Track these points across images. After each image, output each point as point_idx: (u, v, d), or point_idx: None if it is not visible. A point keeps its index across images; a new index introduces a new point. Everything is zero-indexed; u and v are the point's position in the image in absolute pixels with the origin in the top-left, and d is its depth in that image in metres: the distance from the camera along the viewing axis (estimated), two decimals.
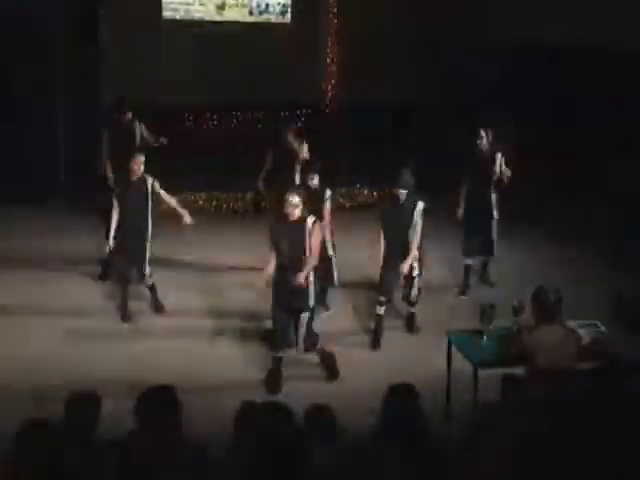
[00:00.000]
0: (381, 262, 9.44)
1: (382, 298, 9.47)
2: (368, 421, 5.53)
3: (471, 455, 4.89)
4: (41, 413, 5.08)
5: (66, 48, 14.62)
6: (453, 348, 7.88)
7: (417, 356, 8.88)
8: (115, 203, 9.89)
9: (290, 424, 5.01)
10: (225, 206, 14.02)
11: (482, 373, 7.38)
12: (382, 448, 4.95)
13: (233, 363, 8.98)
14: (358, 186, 14.57)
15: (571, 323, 7.57)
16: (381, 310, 9.49)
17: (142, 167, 9.82)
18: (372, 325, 9.57)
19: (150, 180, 9.89)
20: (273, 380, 8.49)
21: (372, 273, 9.76)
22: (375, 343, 9.41)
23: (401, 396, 5.37)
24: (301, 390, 8.04)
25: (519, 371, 6.98)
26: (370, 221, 10.08)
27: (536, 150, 14.75)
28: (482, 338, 7.71)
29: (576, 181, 14.36)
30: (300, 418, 5.26)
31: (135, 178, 9.83)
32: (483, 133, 10.85)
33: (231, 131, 16.18)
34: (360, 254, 10.63)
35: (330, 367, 8.75)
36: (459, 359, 7.75)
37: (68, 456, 4.80)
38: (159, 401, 5.05)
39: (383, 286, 9.49)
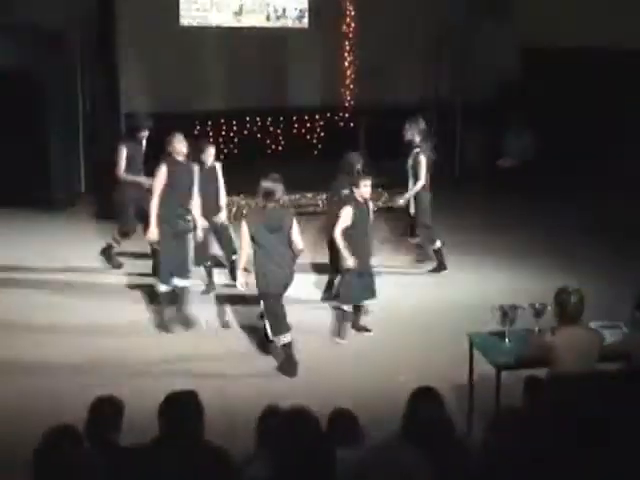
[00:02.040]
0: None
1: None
2: (390, 424, 5.52)
3: (492, 457, 4.87)
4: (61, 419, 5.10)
5: (84, 58, 14.72)
6: (475, 350, 7.86)
7: (438, 359, 8.86)
8: None
9: (313, 427, 5.00)
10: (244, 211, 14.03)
11: (504, 375, 7.36)
12: (405, 451, 4.94)
13: (249, 363, 9.02)
14: (380, 189, 14.56)
15: (594, 324, 7.54)
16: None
17: None
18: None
19: None
20: (290, 365, 8.73)
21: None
22: None
23: (424, 399, 5.36)
24: (320, 392, 8.03)
25: (541, 373, 6.96)
26: (393, 223, 10.06)
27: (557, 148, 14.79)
28: (504, 340, 7.68)
29: (594, 177, 14.39)
30: (322, 421, 5.26)
31: None
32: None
33: (249, 136, 16.21)
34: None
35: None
36: (481, 361, 7.73)
37: (91, 460, 4.82)
38: (181, 406, 5.06)
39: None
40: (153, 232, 9.62)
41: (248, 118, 16.30)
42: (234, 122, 16.18)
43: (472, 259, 12.05)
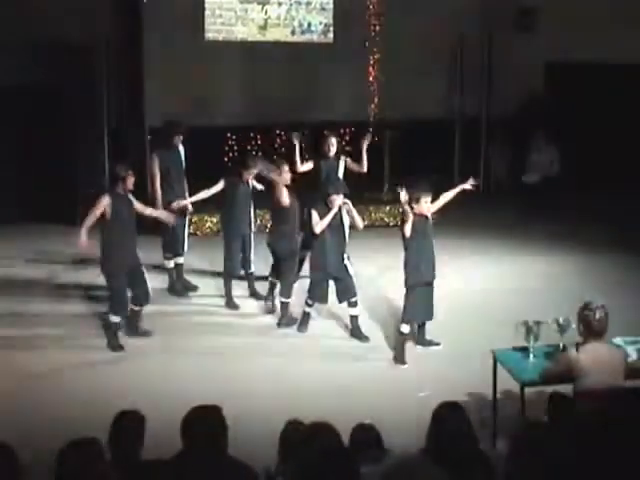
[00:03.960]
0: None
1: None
2: (414, 439, 5.51)
3: (516, 473, 4.85)
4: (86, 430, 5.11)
5: (110, 73, 14.80)
6: (499, 366, 7.83)
7: (462, 374, 8.84)
8: None
9: (336, 443, 4.99)
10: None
11: (528, 390, 7.33)
12: (429, 466, 4.93)
13: (277, 380, 9.04)
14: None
15: (618, 340, 7.51)
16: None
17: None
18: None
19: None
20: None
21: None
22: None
23: (449, 414, 5.35)
24: (343, 407, 8.02)
25: (565, 389, 6.93)
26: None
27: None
28: (528, 356, 7.66)
29: (618, 193, 14.36)
30: (345, 437, 5.25)
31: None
32: (333, 141, 11.20)
33: (273, 150, 16.23)
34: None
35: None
36: (505, 376, 7.70)
37: (110, 475, 4.83)
38: (204, 422, 5.05)
39: None
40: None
41: (272, 132, 16.33)
42: (258, 136, 16.21)
43: (497, 274, 12.04)
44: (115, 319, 9.77)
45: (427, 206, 9.29)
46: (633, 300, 10.62)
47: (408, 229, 9.24)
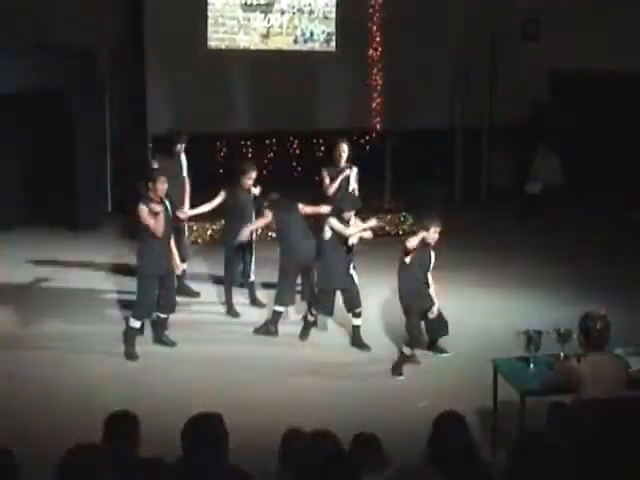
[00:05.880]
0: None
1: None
2: (415, 448, 5.51)
3: None
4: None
5: (113, 80, 14.84)
6: (499, 375, 7.83)
7: (462, 384, 8.84)
8: None
9: (337, 450, 4.99)
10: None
11: (529, 401, 7.33)
12: (430, 475, 4.93)
13: (277, 387, 9.03)
14: (403, 213, 14.56)
15: (619, 350, 7.50)
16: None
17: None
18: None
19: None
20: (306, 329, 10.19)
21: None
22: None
23: (450, 423, 5.35)
24: (346, 417, 8.02)
25: (565, 398, 6.93)
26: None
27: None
28: (528, 365, 7.66)
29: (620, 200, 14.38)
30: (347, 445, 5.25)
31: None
32: (345, 148, 11.05)
33: (275, 158, 16.26)
34: None
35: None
36: (505, 386, 7.70)
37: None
38: (205, 430, 5.05)
39: None
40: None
41: (274, 140, 16.35)
42: (260, 144, 16.23)
43: (494, 284, 12.04)
44: (134, 324, 9.72)
45: (435, 236, 9.34)
46: (634, 310, 10.61)
47: (409, 258, 9.34)
